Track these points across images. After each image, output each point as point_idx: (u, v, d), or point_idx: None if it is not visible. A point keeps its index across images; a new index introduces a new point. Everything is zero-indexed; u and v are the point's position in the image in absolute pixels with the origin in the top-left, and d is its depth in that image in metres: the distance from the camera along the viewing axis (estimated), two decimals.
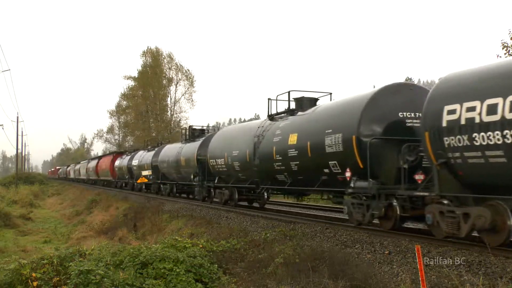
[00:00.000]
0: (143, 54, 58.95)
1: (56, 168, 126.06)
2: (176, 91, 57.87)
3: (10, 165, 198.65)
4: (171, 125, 57.15)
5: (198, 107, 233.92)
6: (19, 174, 73.01)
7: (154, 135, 54.55)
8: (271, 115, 16.40)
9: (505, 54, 18.05)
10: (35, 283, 8.86)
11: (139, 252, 10.28)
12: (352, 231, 11.49)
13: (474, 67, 9.11)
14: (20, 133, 69.29)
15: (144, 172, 32.42)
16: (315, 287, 8.10)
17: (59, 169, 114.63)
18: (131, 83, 60.98)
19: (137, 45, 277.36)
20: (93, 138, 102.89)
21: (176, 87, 57.81)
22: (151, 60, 58.34)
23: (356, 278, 7.97)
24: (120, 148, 63.96)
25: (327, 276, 8.20)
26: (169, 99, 58.52)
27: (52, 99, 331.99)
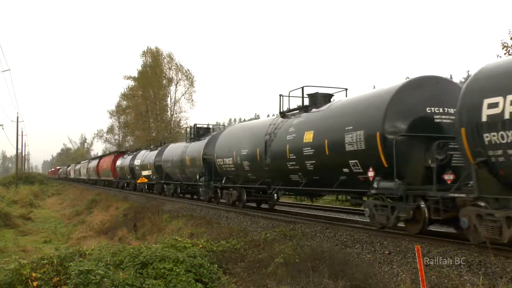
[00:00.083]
0: (143, 54, 59.08)
1: (56, 168, 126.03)
2: (176, 91, 57.98)
3: (10, 165, 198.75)
4: (171, 125, 57.17)
5: (198, 107, 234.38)
6: (19, 174, 73.05)
7: (154, 135, 54.50)
8: (283, 112, 15.57)
9: (505, 54, 18.04)
10: (35, 283, 8.85)
11: (139, 252, 10.28)
12: (352, 231, 11.50)
13: None
14: (20, 133, 69.39)
15: (144, 172, 32.20)
16: (315, 287, 8.10)
17: (59, 169, 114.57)
18: (131, 83, 61.10)
19: (137, 45, 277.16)
20: (93, 138, 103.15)
21: (176, 87, 57.93)
22: (151, 60, 58.39)
23: (356, 278, 7.97)
24: (120, 148, 63.89)
25: (327, 276, 8.20)
26: (169, 99, 58.63)
27: (52, 99, 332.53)
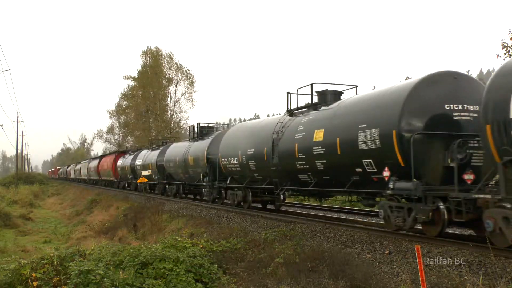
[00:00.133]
0: (143, 54, 59.05)
1: (57, 168, 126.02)
2: (176, 91, 57.96)
3: (10, 165, 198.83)
4: (171, 125, 57.14)
5: (198, 107, 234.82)
6: (19, 174, 73.05)
7: (154, 135, 54.50)
8: (290, 110, 15.14)
9: (505, 54, 18.07)
10: (35, 283, 8.86)
11: (139, 252, 10.28)
12: (352, 231, 11.49)
13: None
14: (20, 133, 69.48)
15: (145, 172, 32.10)
16: (315, 287, 8.10)
17: (60, 169, 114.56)
18: (131, 83, 61.12)
19: (137, 45, 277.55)
20: (93, 138, 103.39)
21: (176, 87, 57.91)
22: (151, 60, 58.37)
23: (356, 278, 7.97)
24: (120, 148, 63.87)
25: (327, 276, 8.20)
26: (169, 99, 58.61)
27: (52, 99, 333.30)
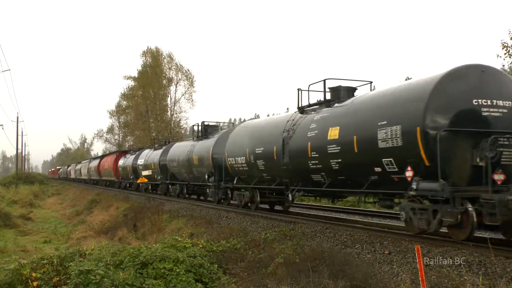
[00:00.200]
0: (143, 54, 59.05)
1: (57, 168, 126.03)
2: (176, 91, 57.92)
3: (10, 165, 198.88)
4: (171, 125, 57.12)
5: (198, 107, 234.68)
6: (19, 174, 73.08)
7: (154, 135, 54.51)
8: (301, 107, 14.54)
9: (505, 54, 18.10)
10: (35, 283, 8.86)
11: (139, 252, 10.28)
12: (352, 231, 11.49)
13: None
14: (20, 133, 69.51)
15: (145, 172, 32.01)
16: (315, 287, 8.10)
17: (60, 169, 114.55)
18: (131, 83, 61.13)
19: (137, 45, 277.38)
20: (93, 138, 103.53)
21: (176, 87, 57.88)
22: (151, 60, 58.36)
23: (356, 278, 7.98)
24: (120, 148, 63.89)
25: (327, 276, 8.20)
26: (169, 99, 58.59)
27: (52, 99, 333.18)
